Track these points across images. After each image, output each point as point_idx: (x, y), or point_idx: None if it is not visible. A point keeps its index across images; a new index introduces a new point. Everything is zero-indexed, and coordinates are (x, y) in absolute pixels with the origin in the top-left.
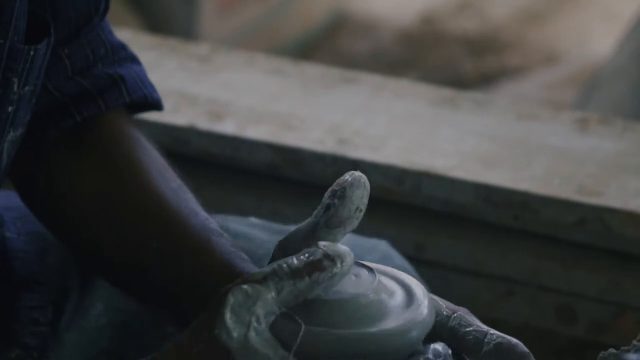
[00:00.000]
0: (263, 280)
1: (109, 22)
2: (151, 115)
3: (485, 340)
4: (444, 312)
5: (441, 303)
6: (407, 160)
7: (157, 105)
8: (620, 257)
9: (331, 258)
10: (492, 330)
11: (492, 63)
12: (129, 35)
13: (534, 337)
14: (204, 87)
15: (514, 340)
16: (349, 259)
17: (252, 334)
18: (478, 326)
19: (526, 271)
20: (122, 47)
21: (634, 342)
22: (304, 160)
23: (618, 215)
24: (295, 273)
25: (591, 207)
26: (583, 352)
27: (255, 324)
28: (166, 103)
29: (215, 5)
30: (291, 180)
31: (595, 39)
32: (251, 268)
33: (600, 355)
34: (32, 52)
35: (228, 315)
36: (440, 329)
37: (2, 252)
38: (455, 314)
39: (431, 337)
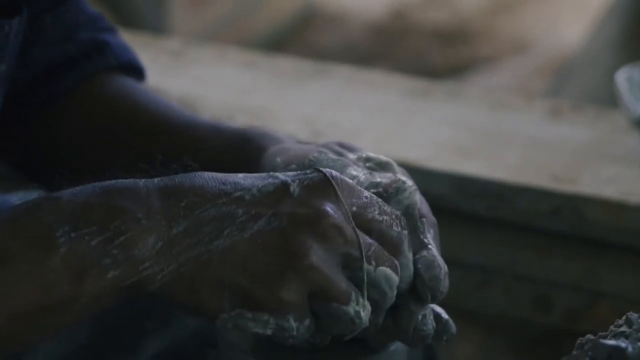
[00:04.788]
0: None
1: None
2: None
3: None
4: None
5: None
6: (381, 152)
7: (141, 71)
8: (595, 245)
9: None
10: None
11: (462, 54)
12: None
13: (511, 327)
14: (176, 82)
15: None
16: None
17: None
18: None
19: (502, 261)
20: (101, 17)
21: (612, 327)
22: None
23: (592, 203)
24: None
25: (565, 196)
26: (559, 340)
27: None
28: None
29: (185, 1)
30: None
31: (564, 28)
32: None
33: (578, 341)
34: (7, 27)
35: None
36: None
37: None
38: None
39: None
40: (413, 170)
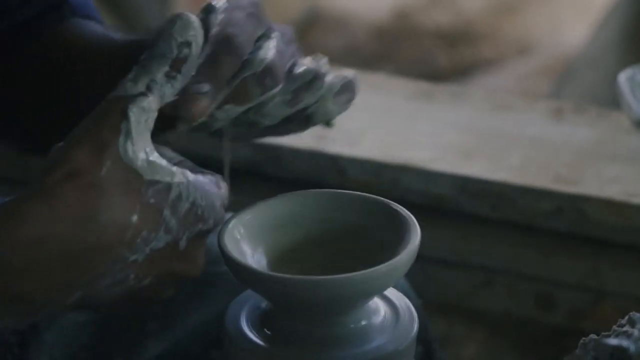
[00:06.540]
0: (146, 90)
1: None
2: None
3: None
4: None
5: None
6: (385, 154)
7: (101, 24)
8: (597, 244)
9: (186, 42)
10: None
11: (466, 55)
12: None
13: (514, 326)
14: None
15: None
16: (196, 25)
17: (155, 153)
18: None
19: (505, 260)
20: None
21: (614, 327)
22: (283, 156)
23: (594, 202)
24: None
25: (568, 196)
26: (563, 339)
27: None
28: None
29: (188, 3)
30: (271, 177)
31: (567, 29)
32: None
33: (581, 341)
34: None
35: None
36: None
37: None
38: None
39: None
40: (417, 172)
